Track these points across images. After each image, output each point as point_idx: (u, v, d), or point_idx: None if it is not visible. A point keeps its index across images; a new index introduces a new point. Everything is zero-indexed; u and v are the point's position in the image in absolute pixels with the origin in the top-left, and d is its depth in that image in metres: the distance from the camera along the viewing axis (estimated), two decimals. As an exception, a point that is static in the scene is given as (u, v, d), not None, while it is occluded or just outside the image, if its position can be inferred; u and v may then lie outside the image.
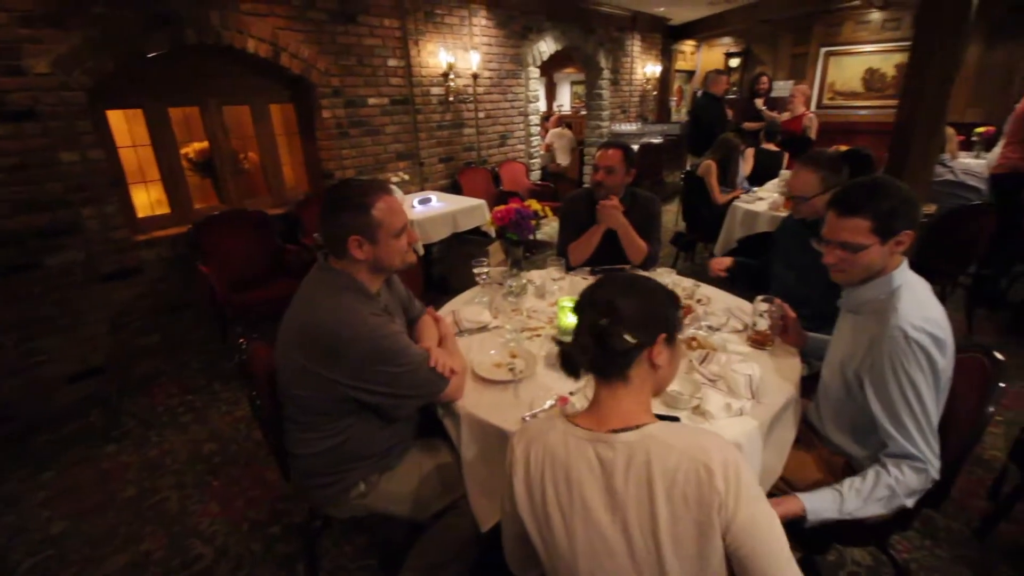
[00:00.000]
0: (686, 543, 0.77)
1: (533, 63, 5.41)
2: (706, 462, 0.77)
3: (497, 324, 1.76)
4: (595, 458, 0.83)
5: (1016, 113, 3.42)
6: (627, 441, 0.82)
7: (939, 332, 1.14)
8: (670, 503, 0.77)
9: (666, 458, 0.79)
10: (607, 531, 0.80)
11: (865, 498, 1.15)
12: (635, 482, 0.79)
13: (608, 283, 0.93)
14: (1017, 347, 3.05)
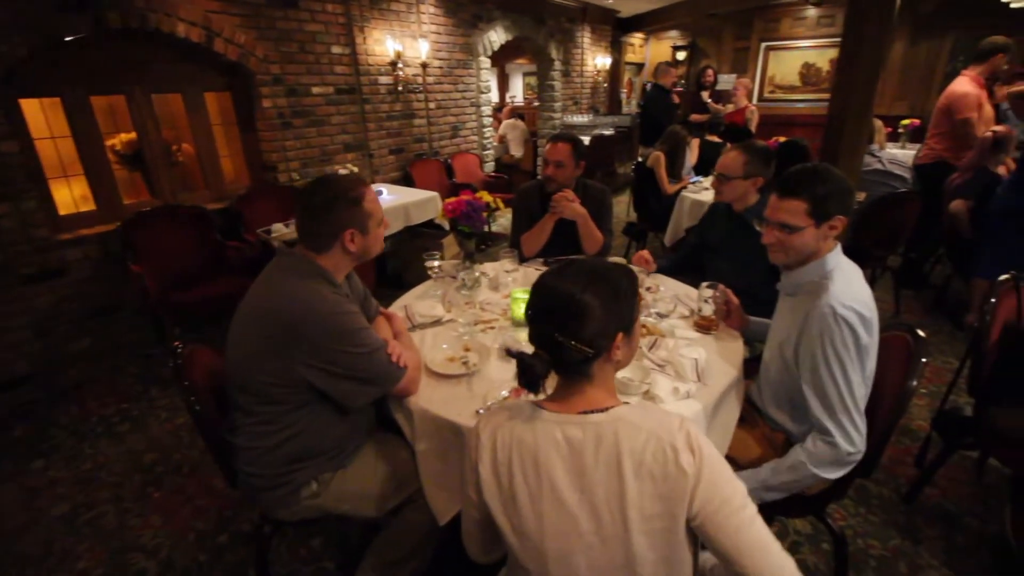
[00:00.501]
0: (653, 519, 0.80)
1: (484, 53, 5.35)
2: (671, 441, 0.79)
3: (450, 318, 1.74)
4: (563, 440, 0.83)
5: (938, 106, 3.68)
6: (596, 422, 0.83)
7: (866, 312, 1.21)
8: (638, 480, 0.79)
9: (634, 438, 0.81)
10: (575, 511, 0.81)
11: (774, 467, 1.28)
12: (604, 462, 0.81)
13: (566, 276, 0.86)
14: (939, 325, 3.30)
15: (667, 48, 8.99)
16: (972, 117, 3.40)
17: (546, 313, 0.86)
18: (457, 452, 1.29)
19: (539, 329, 0.87)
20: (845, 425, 1.21)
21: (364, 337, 1.27)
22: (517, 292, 1.71)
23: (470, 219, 1.89)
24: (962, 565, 1.72)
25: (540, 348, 0.87)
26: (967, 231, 3.20)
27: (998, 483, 2.03)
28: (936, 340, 3.11)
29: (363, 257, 1.37)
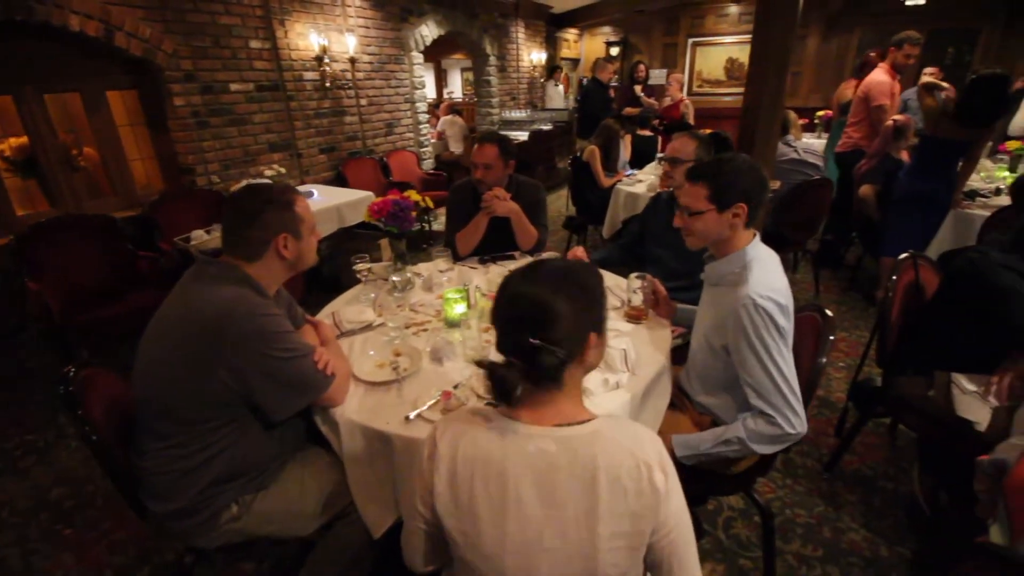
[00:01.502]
0: (621, 537, 0.78)
1: (416, 48, 5.24)
2: (645, 459, 0.79)
3: (381, 322, 1.69)
4: (536, 454, 0.80)
5: (857, 96, 3.95)
6: (572, 436, 0.81)
7: (782, 300, 1.27)
8: (612, 497, 0.78)
9: (612, 454, 0.79)
10: (541, 527, 0.79)
11: (716, 439, 1.34)
12: (579, 477, 0.78)
13: (534, 279, 0.84)
14: (855, 302, 3.55)
15: (601, 44, 9.16)
16: (885, 104, 3.69)
17: (518, 318, 0.82)
18: (387, 462, 1.25)
19: (511, 335, 0.83)
20: (783, 408, 1.26)
21: (290, 341, 1.21)
22: (449, 292, 1.68)
23: (398, 219, 1.83)
24: (879, 525, 1.85)
25: (512, 355, 0.82)
26: (875, 214, 3.45)
27: (908, 446, 2.20)
28: (852, 316, 3.35)
29: (297, 266, 1.32)
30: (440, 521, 0.84)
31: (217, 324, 1.12)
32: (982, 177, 3.65)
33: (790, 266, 4.12)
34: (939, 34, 6.32)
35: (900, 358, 1.84)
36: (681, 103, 5.82)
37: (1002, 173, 3.75)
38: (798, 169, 3.44)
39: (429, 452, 0.86)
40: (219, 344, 1.12)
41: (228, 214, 1.26)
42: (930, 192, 3.02)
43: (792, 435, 1.27)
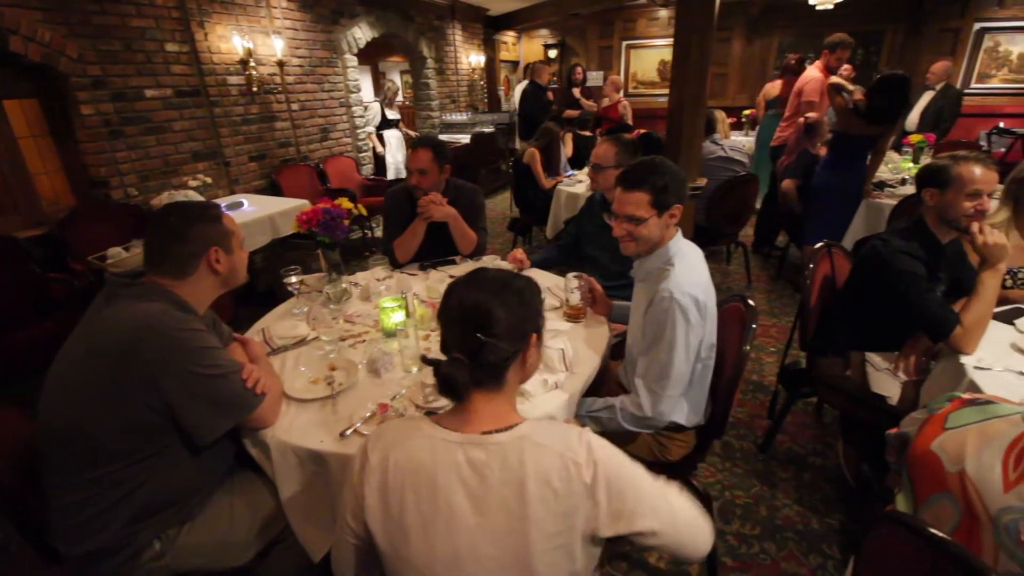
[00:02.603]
0: (555, 536, 0.79)
1: (349, 50, 5.11)
2: (573, 457, 0.80)
3: (315, 336, 1.63)
4: (466, 463, 0.80)
5: (793, 92, 4.19)
6: (500, 442, 0.82)
7: (700, 295, 1.33)
8: (542, 501, 0.78)
9: (539, 458, 0.80)
10: (474, 535, 0.79)
11: (603, 405, 1.43)
12: (509, 483, 0.79)
13: (476, 287, 0.87)
14: (783, 289, 3.76)
15: (539, 46, 9.27)
16: (815, 101, 3.95)
17: (464, 319, 0.85)
18: (323, 482, 1.21)
19: (457, 331, 0.85)
20: (657, 392, 1.35)
21: (215, 357, 1.15)
22: (385, 301, 1.64)
23: (329, 228, 1.77)
24: (810, 499, 1.96)
25: (457, 352, 0.84)
26: (797, 206, 3.67)
27: (833, 423, 2.35)
28: (781, 303, 3.55)
29: (230, 281, 1.29)
30: (371, 534, 0.83)
31: (134, 342, 1.05)
32: (889, 169, 3.97)
33: (724, 258, 4.32)
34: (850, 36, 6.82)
35: (820, 341, 1.96)
36: (619, 104, 5.98)
37: (907, 164, 4.09)
38: (725, 166, 3.61)
39: (360, 464, 0.85)
40: (137, 364, 1.05)
41: (152, 232, 1.21)
42: (843, 184, 3.25)
43: (645, 419, 1.37)
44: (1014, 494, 0.76)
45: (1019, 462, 0.78)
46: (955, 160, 1.61)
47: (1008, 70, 6.49)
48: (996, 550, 0.77)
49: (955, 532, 0.83)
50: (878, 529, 0.91)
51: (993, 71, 6.55)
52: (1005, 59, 6.46)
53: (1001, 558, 0.76)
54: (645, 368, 1.37)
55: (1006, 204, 1.87)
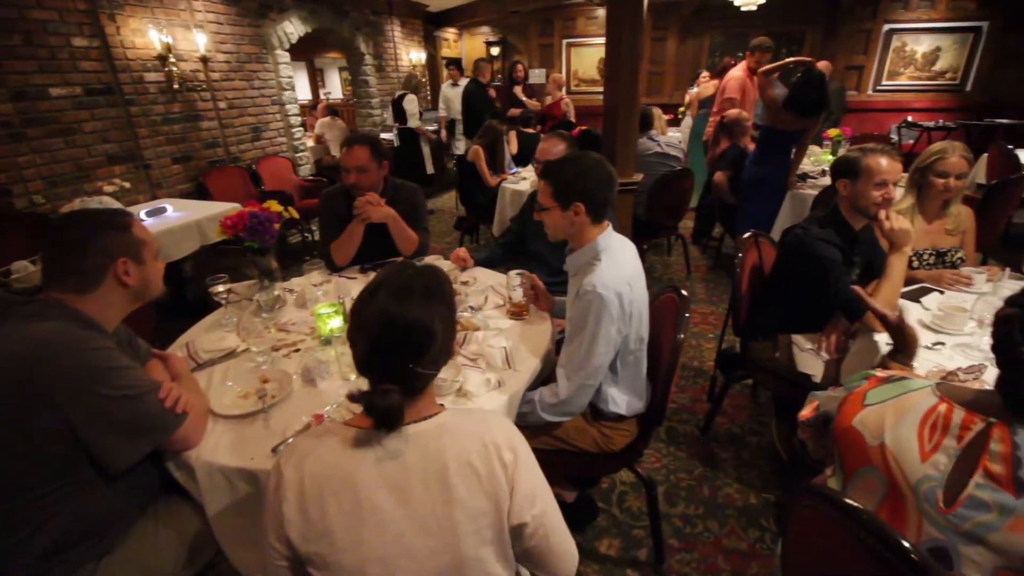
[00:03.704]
0: (480, 517, 0.81)
1: (280, 46, 4.89)
2: (493, 439, 0.83)
3: (246, 347, 1.54)
4: (386, 457, 0.80)
5: (719, 89, 4.38)
6: (419, 432, 0.83)
7: (624, 290, 1.36)
8: (465, 483, 0.80)
9: (459, 442, 0.82)
10: (401, 528, 0.79)
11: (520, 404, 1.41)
12: (431, 471, 0.80)
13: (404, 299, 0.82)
14: (720, 278, 3.93)
15: (481, 43, 9.23)
16: (735, 98, 4.17)
17: (393, 343, 0.81)
18: (257, 502, 1.14)
19: (386, 360, 0.82)
20: (572, 378, 1.39)
21: (126, 377, 1.06)
22: (320, 308, 1.58)
23: (257, 233, 1.68)
24: (748, 476, 2.06)
25: (386, 380, 0.81)
26: (729, 198, 3.85)
27: (767, 402, 2.48)
28: (718, 291, 3.70)
29: (144, 295, 1.20)
30: (296, 550, 0.80)
31: (32, 365, 0.96)
32: (811, 161, 4.23)
33: (665, 250, 4.47)
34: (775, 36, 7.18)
35: (751, 326, 2.06)
36: (561, 101, 6.05)
37: (827, 157, 4.38)
38: (662, 162, 3.73)
39: (275, 482, 0.82)
40: (33, 392, 0.96)
41: (50, 244, 1.10)
42: (771, 177, 3.43)
43: (566, 406, 1.42)
44: (930, 463, 0.81)
45: (933, 433, 0.83)
46: (864, 152, 1.73)
47: (914, 68, 7.07)
48: (919, 517, 0.82)
49: (883, 502, 0.88)
50: (802, 502, 0.97)
51: (901, 69, 7.11)
52: (911, 58, 7.03)
53: (924, 524, 0.81)
54: (567, 357, 1.41)
55: (910, 191, 2.03)
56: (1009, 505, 0.72)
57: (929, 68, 7.02)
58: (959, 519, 0.77)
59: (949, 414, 0.82)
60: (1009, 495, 0.73)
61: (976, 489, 0.76)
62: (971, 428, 0.79)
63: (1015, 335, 0.76)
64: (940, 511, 0.79)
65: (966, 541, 0.76)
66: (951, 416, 0.81)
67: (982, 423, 0.78)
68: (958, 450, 0.79)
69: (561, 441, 1.53)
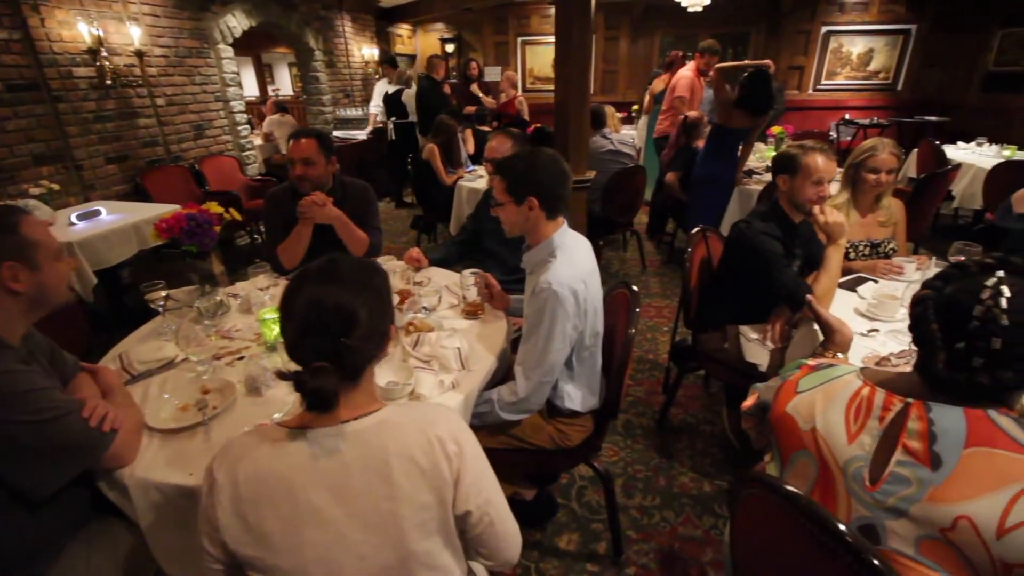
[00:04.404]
0: (426, 511, 0.81)
1: (224, 40, 4.68)
2: (436, 432, 0.83)
3: (185, 357, 1.47)
4: (323, 455, 0.79)
5: (668, 87, 4.48)
6: (360, 429, 0.81)
7: (579, 287, 1.37)
8: (409, 480, 0.79)
9: (401, 437, 0.81)
10: (341, 525, 0.78)
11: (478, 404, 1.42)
12: (372, 468, 0.79)
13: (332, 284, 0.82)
14: (674, 272, 4.03)
15: (435, 40, 9.13)
16: (685, 96, 4.29)
17: (322, 324, 0.80)
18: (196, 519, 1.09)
19: (315, 337, 0.80)
20: (530, 376, 1.40)
21: (43, 399, 0.99)
22: (266, 313, 1.52)
23: (195, 236, 1.60)
24: (702, 465, 2.13)
25: (317, 359, 0.79)
26: (681, 195, 3.95)
27: (718, 392, 2.56)
28: (672, 285, 3.80)
29: (42, 302, 1.10)
30: (232, 554, 0.79)
31: None
32: (757, 158, 4.39)
33: (621, 246, 4.55)
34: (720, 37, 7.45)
35: (701, 318, 2.12)
36: (515, 99, 6.06)
37: (771, 153, 4.55)
38: (615, 159, 3.79)
39: (208, 486, 0.80)
40: None
41: None
42: (720, 174, 3.55)
43: (524, 403, 1.42)
44: (856, 444, 0.86)
45: (858, 415, 0.88)
46: (802, 150, 1.80)
47: (850, 68, 7.47)
48: (848, 496, 0.86)
49: (815, 484, 0.92)
50: (745, 489, 1.00)
51: (839, 69, 7.49)
52: (848, 59, 7.42)
53: (853, 503, 0.86)
54: (524, 355, 1.41)
55: (846, 187, 2.14)
56: (927, 478, 0.77)
57: (864, 68, 7.43)
58: (884, 495, 0.81)
59: (871, 397, 0.86)
60: (926, 468, 0.77)
61: (897, 466, 0.80)
62: (891, 409, 0.83)
63: (929, 314, 0.81)
64: (867, 489, 0.83)
65: (891, 516, 0.81)
66: (873, 398, 0.86)
67: (901, 403, 0.82)
68: (880, 430, 0.83)
69: (518, 440, 1.53)
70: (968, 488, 0.74)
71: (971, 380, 0.77)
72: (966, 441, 0.75)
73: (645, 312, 3.39)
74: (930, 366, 0.82)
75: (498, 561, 0.94)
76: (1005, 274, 0.77)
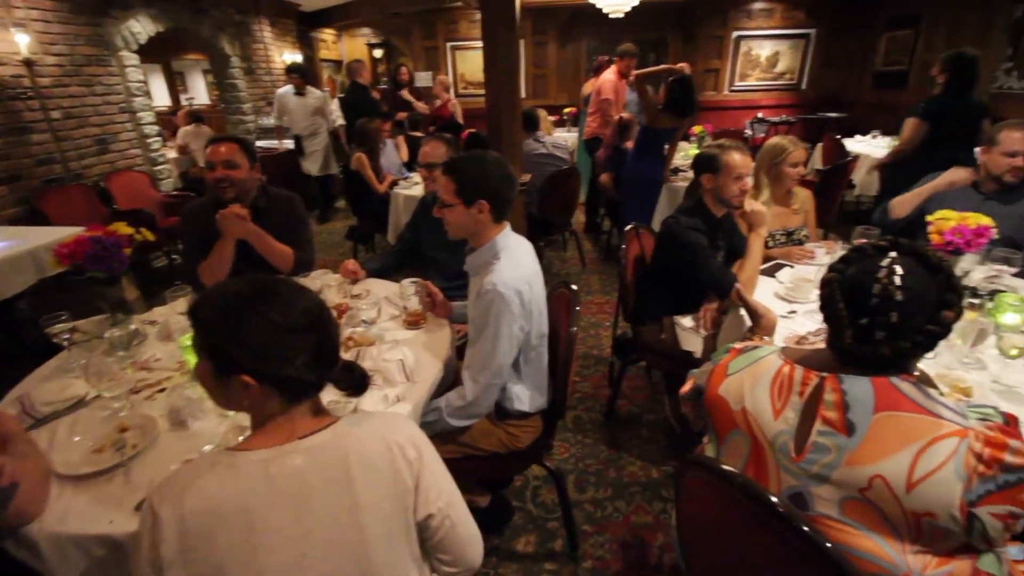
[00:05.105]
0: (390, 519, 0.81)
1: (127, 47, 4.35)
2: (395, 439, 0.83)
3: (97, 394, 1.34)
4: (280, 475, 0.76)
5: (594, 91, 4.61)
6: (318, 443, 0.80)
7: (524, 288, 1.38)
8: (371, 488, 0.79)
9: (361, 447, 0.80)
10: (303, 546, 0.76)
11: (426, 413, 1.40)
12: (333, 480, 0.78)
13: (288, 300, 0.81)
14: (613, 269, 4.14)
15: (363, 45, 8.92)
16: (611, 99, 4.43)
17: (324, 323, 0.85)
18: (121, 571, 1.00)
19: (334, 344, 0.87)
20: (478, 379, 1.40)
21: None
22: (188, 338, 1.41)
23: (102, 261, 1.46)
24: (648, 452, 2.20)
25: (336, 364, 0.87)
26: (615, 195, 4.09)
27: (660, 381, 2.66)
28: (612, 281, 3.91)
29: None
30: None
31: None
32: (682, 156, 4.62)
33: (561, 245, 4.64)
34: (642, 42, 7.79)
35: (638, 311, 2.20)
36: (449, 103, 6.02)
37: (694, 151, 4.81)
38: (550, 162, 3.86)
39: (150, 524, 0.74)
40: None
41: None
42: (649, 172, 3.70)
43: (473, 407, 1.42)
44: (782, 419, 0.92)
45: (781, 392, 0.94)
46: (721, 149, 1.91)
47: (760, 70, 8.02)
48: (777, 469, 0.92)
49: (748, 460, 0.98)
50: (686, 472, 1.04)
51: (750, 71, 8.02)
52: (757, 61, 7.96)
53: (782, 475, 0.92)
54: (471, 358, 1.41)
55: (766, 185, 2.29)
56: (843, 444, 0.84)
57: (772, 70, 8.01)
58: (808, 464, 0.87)
59: (791, 374, 0.93)
60: (843, 435, 0.84)
61: (818, 436, 0.87)
62: (809, 383, 0.90)
63: (835, 295, 0.89)
64: (793, 460, 0.89)
65: (816, 482, 0.87)
66: (793, 375, 0.93)
67: (817, 378, 0.89)
68: (801, 404, 0.90)
69: (469, 447, 1.52)
70: (879, 449, 0.81)
71: (875, 352, 0.84)
72: (875, 407, 0.83)
73: (587, 309, 3.47)
74: (839, 342, 0.89)
75: (461, 567, 0.93)
76: (897, 255, 0.86)
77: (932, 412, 0.81)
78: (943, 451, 0.78)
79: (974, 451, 0.77)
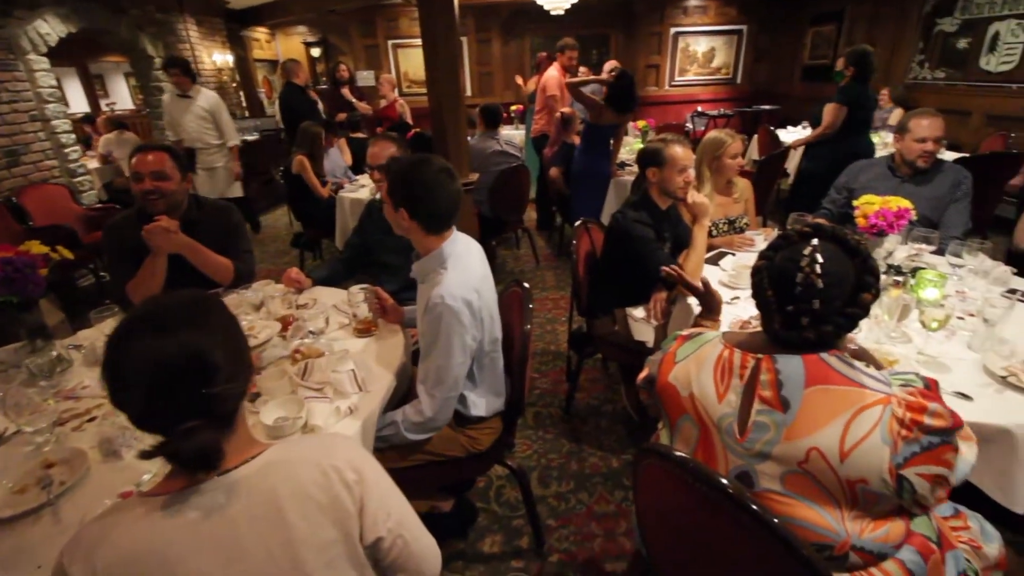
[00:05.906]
0: (330, 547, 0.75)
1: (35, 50, 4.00)
2: (332, 463, 0.77)
3: (18, 428, 1.23)
4: (201, 518, 0.70)
5: (539, 88, 4.63)
6: (243, 477, 0.73)
7: (473, 297, 1.36)
8: (307, 519, 0.73)
9: (293, 476, 0.75)
10: None
11: (382, 427, 1.38)
12: (263, 516, 0.72)
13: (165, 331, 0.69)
14: (567, 263, 4.19)
15: (299, 44, 8.60)
16: (556, 95, 4.48)
17: (173, 381, 0.68)
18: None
19: (173, 402, 0.69)
20: (434, 394, 1.38)
21: None
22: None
23: (14, 284, 1.34)
24: (608, 443, 2.24)
25: (185, 420, 0.68)
26: (564, 190, 4.13)
27: (616, 372, 2.72)
28: (566, 276, 3.96)
29: None
30: None
31: None
32: (627, 150, 4.72)
33: (514, 243, 4.65)
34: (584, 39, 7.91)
35: (591, 305, 2.24)
36: (396, 103, 5.89)
37: (638, 145, 4.92)
38: (503, 160, 3.85)
39: None
40: None
41: None
42: (596, 167, 3.77)
43: (431, 422, 1.40)
44: (725, 403, 0.95)
45: (723, 376, 0.98)
46: (664, 143, 1.96)
47: (698, 65, 8.31)
48: (724, 450, 0.96)
49: (698, 444, 1.01)
50: (642, 460, 1.07)
51: (688, 67, 8.30)
52: (695, 57, 8.25)
53: (728, 456, 0.95)
54: (424, 373, 1.38)
55: (708, 178, 2.37)
56: (780, 420, 0.88)
57: (709, 65, 8.32)
58: (751, 443, 0.91)
59: (731, 357, 0.97)
60: (779, 412, 0.88)
61: (758, 415, 0.91)
62: (747, 366, 0.94)
63: (764, 283, 0.94)
64: (738, 440, 0.93)
65: (759, 460, 0.91)
66: (732, 359, 0.96)
67: (753, 360, 0.93)
68: (742, 386, 0.94)
69: (430, 454, 1.49)
70: (813, 422, 0.86)
71: (801, 336, 0.89)
72: (805, 382, 0.87)
73: (543, 305, 3.50)
74: (770, 327, 0.93)
75: None
76: (818, 241, 0.90)
77: (858, 383, 0.86)
78: (870, 419, 0.83)
79: (896, 416, 0.82)
